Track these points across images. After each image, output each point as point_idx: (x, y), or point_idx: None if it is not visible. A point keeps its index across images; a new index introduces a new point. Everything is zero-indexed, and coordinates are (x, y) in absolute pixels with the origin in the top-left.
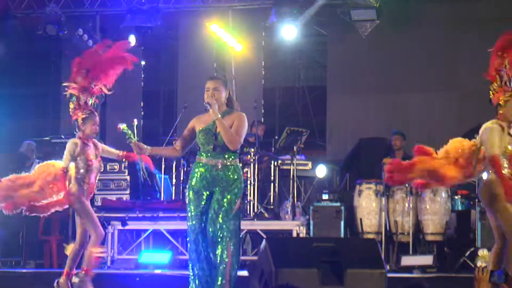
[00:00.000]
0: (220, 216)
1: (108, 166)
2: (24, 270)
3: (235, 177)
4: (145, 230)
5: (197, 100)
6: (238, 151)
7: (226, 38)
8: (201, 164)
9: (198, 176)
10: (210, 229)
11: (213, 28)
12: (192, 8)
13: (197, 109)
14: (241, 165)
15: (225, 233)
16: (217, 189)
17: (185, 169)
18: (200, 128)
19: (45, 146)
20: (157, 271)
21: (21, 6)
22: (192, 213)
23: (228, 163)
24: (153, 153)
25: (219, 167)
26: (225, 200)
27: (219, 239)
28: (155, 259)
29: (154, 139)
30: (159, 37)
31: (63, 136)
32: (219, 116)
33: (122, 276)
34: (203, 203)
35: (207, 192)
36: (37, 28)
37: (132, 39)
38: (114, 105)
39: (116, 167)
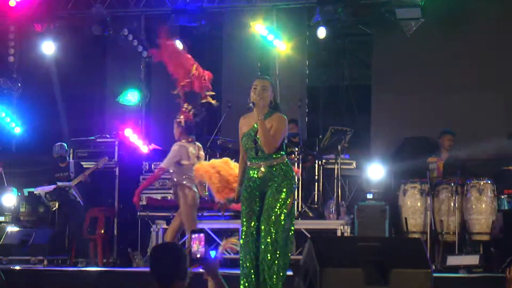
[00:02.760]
0: (272, 216)
1: (153, 165)
2: (70, 269)
3: (285, 175)
4: None
5: (241, 99)
6: (283, 149)
7: (270, 38)
8: (250, 167)
9: (250, 178)
10: (262, 227)
11: (257, 28)
12: (236, 8)
13: (241, 109)
14: None
15: (277, 234)
16: (268, 189)
17: None
18: (243, 133)
19: (90, 145)
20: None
21: (67, 7)
22: (244, 212)
23: (274, 163)
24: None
25: (263, 169)
26: (275, 200)
27: (271, 239)
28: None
29: (198, 139)
30: (203, 37)
31: (108, 136)
32: (262, 117)
33: None
34: (256, 203)
35: (258, 193)
36: (83, 29)
37: (179, 44)
38: (158, 106)
39: None
